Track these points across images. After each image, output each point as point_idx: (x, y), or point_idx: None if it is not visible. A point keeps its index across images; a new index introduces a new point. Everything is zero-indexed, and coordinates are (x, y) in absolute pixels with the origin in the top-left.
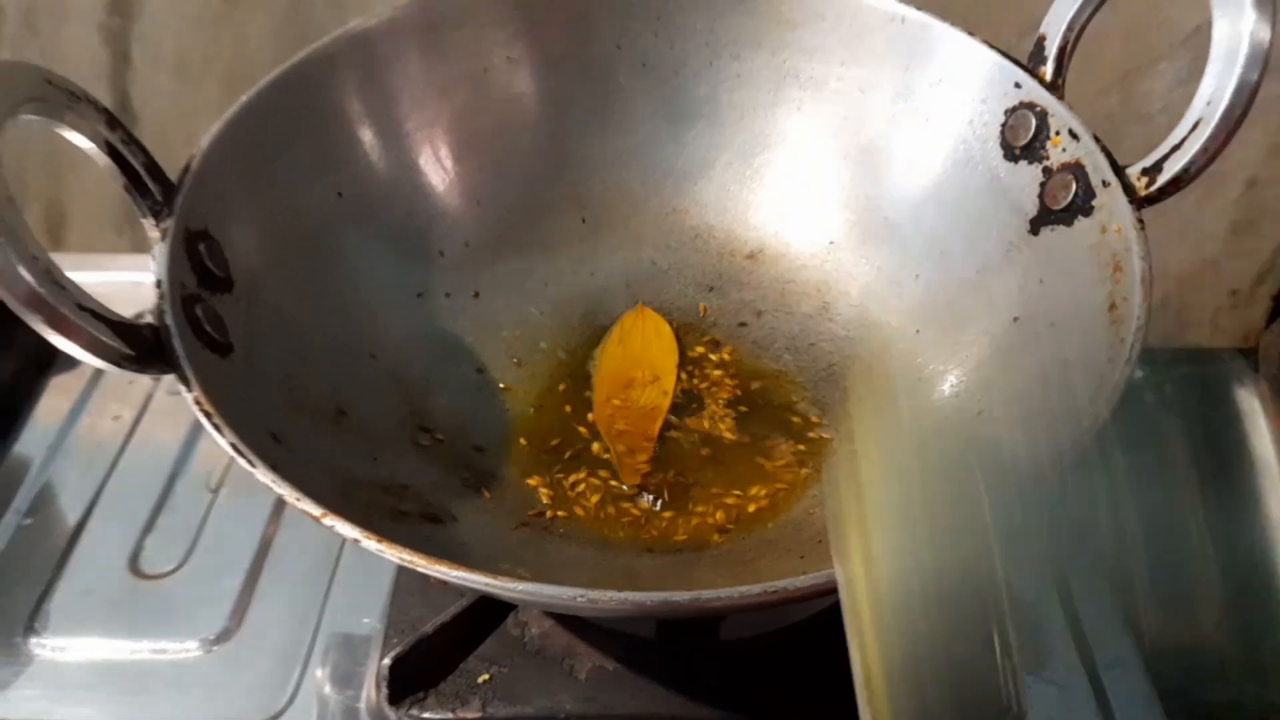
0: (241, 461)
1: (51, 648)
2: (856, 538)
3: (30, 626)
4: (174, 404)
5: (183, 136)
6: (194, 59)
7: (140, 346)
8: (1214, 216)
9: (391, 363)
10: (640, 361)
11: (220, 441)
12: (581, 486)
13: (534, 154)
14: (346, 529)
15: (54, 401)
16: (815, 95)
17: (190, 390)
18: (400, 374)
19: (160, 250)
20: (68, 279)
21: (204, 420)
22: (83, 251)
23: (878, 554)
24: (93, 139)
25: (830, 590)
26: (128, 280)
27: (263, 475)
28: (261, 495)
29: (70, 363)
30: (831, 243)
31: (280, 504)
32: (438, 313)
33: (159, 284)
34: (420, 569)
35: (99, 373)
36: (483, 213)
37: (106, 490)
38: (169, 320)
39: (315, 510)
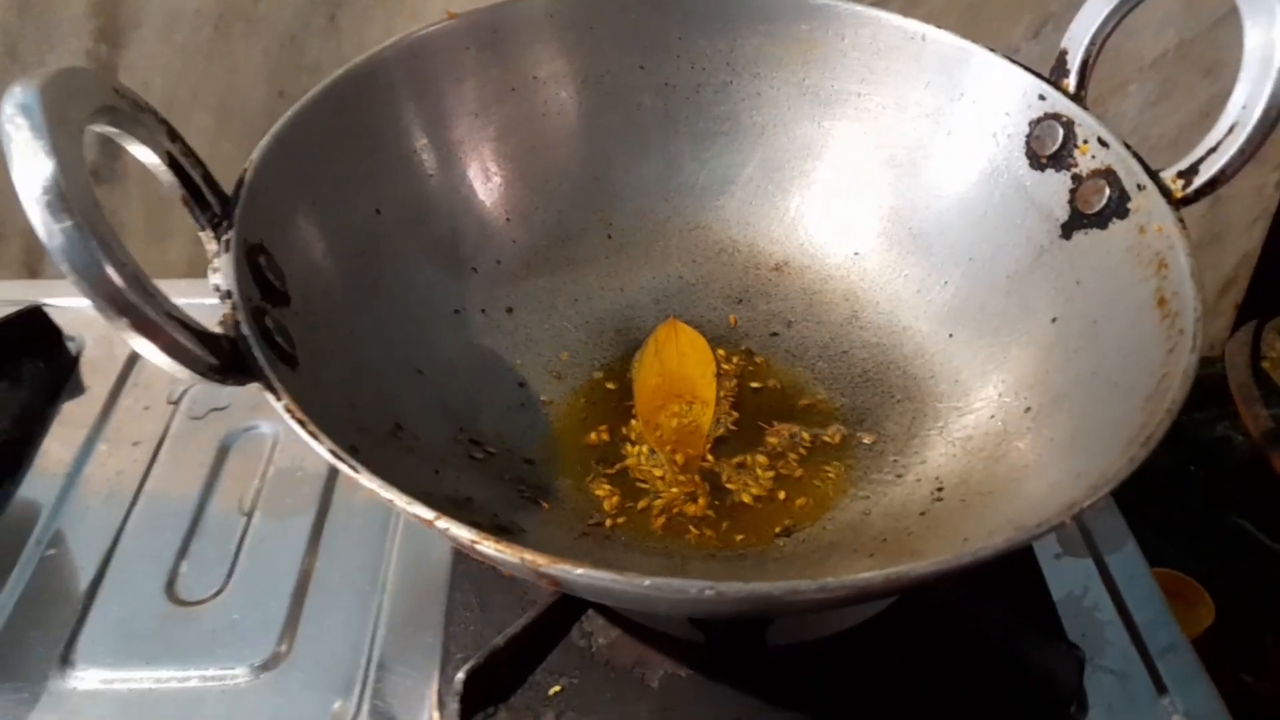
0: (344, 468)
1: (89, 680)
2: None
3: (66, 659)
4: (195, 429)
5: None
6: (184, 90)
7: (221, 357)
8: None
9: (438, 378)
10: (677, 376)
11: (319, 449)
12: (637, 496)
13: (560, 171)
14: (462, 531)
15: (66, 430)
16: (836, 111)
17: (279, 399)
18: (446, 389)
19: (224, 262)
20: (155, 286)
21: (298, 429)
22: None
23: None
24: (156, 151)
25: (957, 571)
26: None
27: (368, 480)
28: (299, 518)
29: (78, 390)
30: (856, 253)
31: (319, 524)
32: (475, 329)
33: (229, 295)
34: (543, 570)
35: (111, 400)
36: (513, 229)
37: (133, 517)
38: (245, 330)
39: (428, 514)
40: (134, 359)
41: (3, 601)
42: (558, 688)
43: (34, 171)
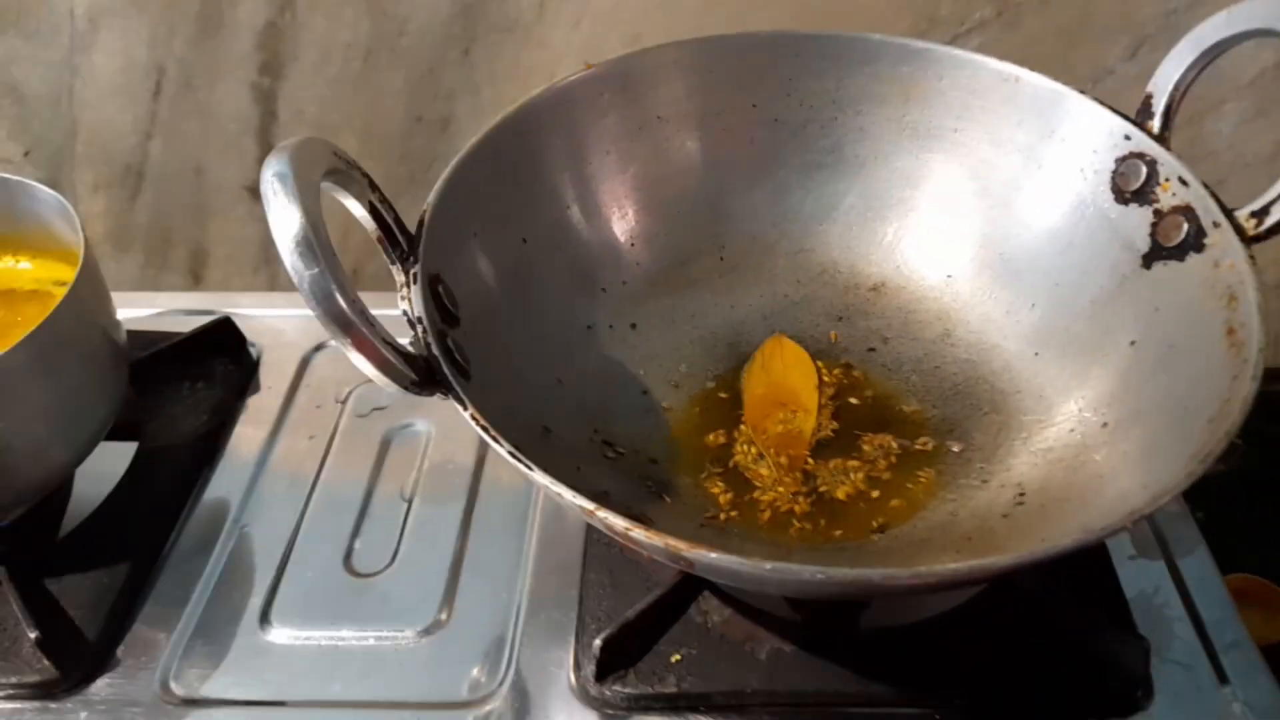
0: (520, 466)
1: (284, 637)
2: None
3: (265, 618)
4: (360, 425)
5: None
6: (334, 115)
7: (419, 373)
8: (1263, 262)
9: (575, 386)
10: (782, 386)
11: (499, 449)
12: (747, 493)
13: (679, 200)
14: (617, 521)
15: (251, 425)
16: (933, 145)
17: (466, 409)
18: (583, 396)
19: (415, 293)
20: (374, 317)
21: (482, 433)
22: (221, 290)
23: None
24: (362, 202)
25: (1031, 564)
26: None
27: (539, 477)
28: (452, 505)
29: (259, 390)
30: (949, 276)
31: (469, 510)
32: (604, 343)
33: (419, 321)
34: (683, 554)
35: (288, 399)
36: (636, 253)
37: (313, 500)
38: (435, 350)
39: (589, 505)
40: (305, 363)
41: (210, 569)
42: (678, 656)
43: (288, 225)
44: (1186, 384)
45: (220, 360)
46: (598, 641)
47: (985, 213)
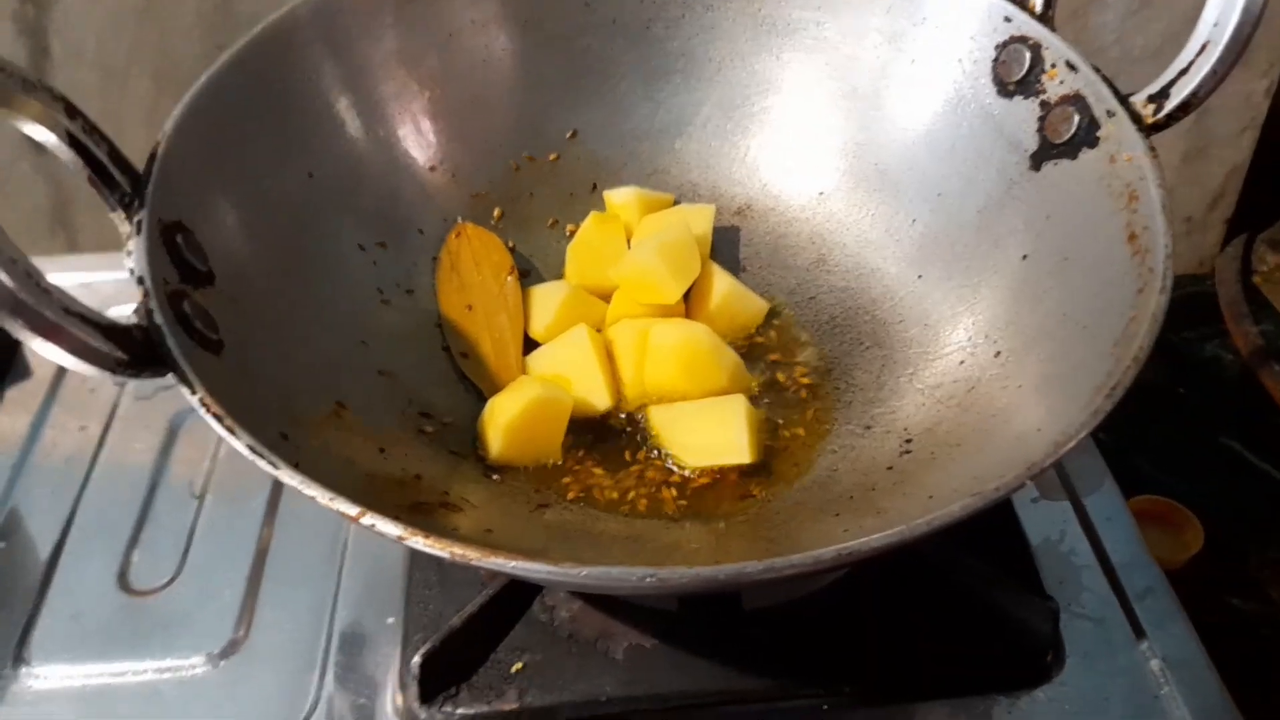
0: (262, 464)
1: (45, 677)
2: None
3: (19, 657)
4: (142, 410)
5: (113, 135)
6: (119, 51)
7: (131, 349)
8: (1165, 146)
9: (383, 349)
10: (470, 286)
11: (236, 444)
12: (588, 461)
13: (506, 124)
14: (389, 527)
15: (10, 418)
16: (795, 42)
17: (194, 392)
18: (393, 359)
19: (137, 244)
20: (50, 283)
21: (214, 423)
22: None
23: None
24: (53, 129)
25: (912, 543)
26: None
27: (288, 477)
28: (252, 499)
29: (22, 374)
30: (821, 193)
31: (273, 506)
32: (419, 295)
33: (141, 280)
34: (475, 564)
35: (56, 383)
36: (459, 187)
37: (82, 506)
38: (158, 318)
39: (352, 510)
40: None
41: None
42: (520, 664)
43: None
44: (1086, 302)
45: None
46: (416, 659)
47: (856, 117)
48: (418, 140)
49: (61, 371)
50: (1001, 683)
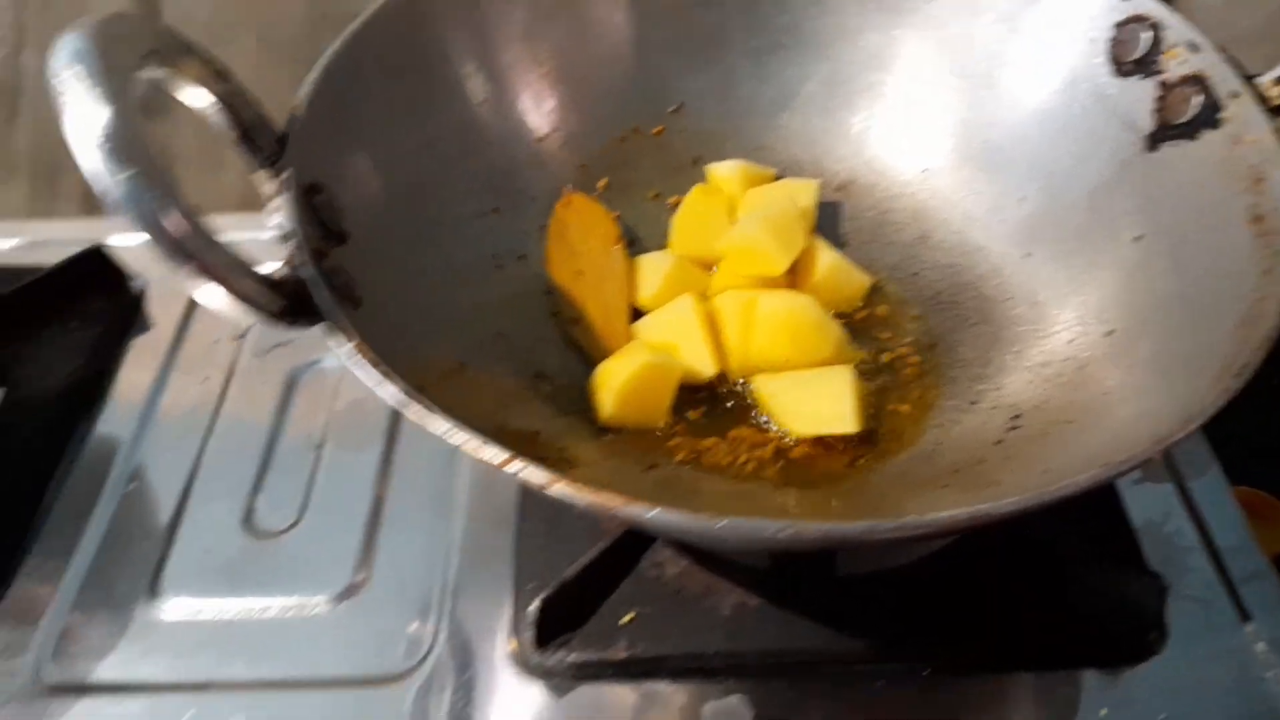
0: (412, 411)
1: (176, 610)
2: None
3: (152, 590)
4: (260, 365)
5: None
6: (227, 15)
7: (286, 300)
8: None
9: (497, 312)
10: (579, 254)
11: (385, 393)
12: (694, 426)
13: (615, 96)
14: (535, 474)
15: (137, 369)
16: (904, 20)
17: (350, 340)
18: (507, 322)
19: (284, 202)
20: (216, 235)
21: (368, 370)
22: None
23: None
24: (211, 91)
25: (1039, 508)
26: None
27: (437, 426)
28: (365, 451)
29: (145, 328)
30: (926, 170)
31: (389, 454)
32: (533, 259)
33: (290, 236)
34: (615, 511)
35: (179, 336)
36: (569, 156)
37: (207, 452)
38: (310, 271)
39: (500, 457)
40: None
41: (90, 534)
42: (630, 616)
43: (90, 120)
44: (1205, 284)
45: (96, 296)
46: (535, 605)
47: (965, 94)
48: (534, 109)
49: (183, 326)
50: (1101, 658)
